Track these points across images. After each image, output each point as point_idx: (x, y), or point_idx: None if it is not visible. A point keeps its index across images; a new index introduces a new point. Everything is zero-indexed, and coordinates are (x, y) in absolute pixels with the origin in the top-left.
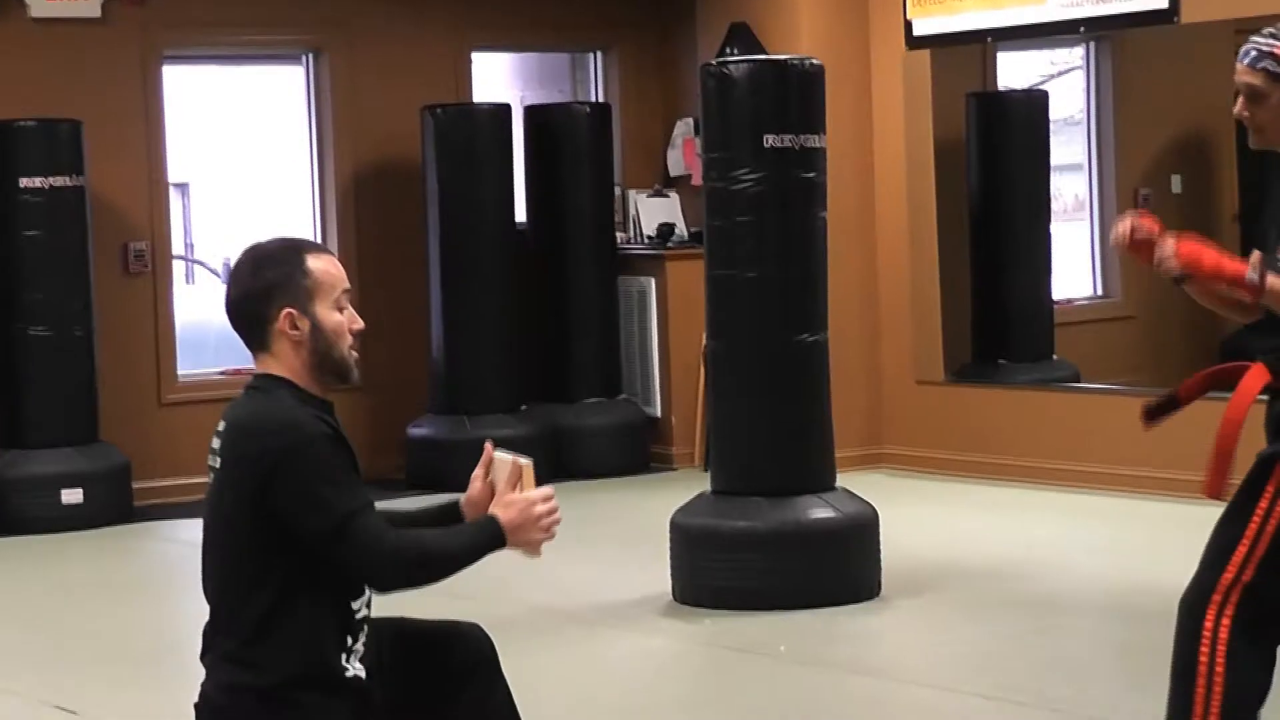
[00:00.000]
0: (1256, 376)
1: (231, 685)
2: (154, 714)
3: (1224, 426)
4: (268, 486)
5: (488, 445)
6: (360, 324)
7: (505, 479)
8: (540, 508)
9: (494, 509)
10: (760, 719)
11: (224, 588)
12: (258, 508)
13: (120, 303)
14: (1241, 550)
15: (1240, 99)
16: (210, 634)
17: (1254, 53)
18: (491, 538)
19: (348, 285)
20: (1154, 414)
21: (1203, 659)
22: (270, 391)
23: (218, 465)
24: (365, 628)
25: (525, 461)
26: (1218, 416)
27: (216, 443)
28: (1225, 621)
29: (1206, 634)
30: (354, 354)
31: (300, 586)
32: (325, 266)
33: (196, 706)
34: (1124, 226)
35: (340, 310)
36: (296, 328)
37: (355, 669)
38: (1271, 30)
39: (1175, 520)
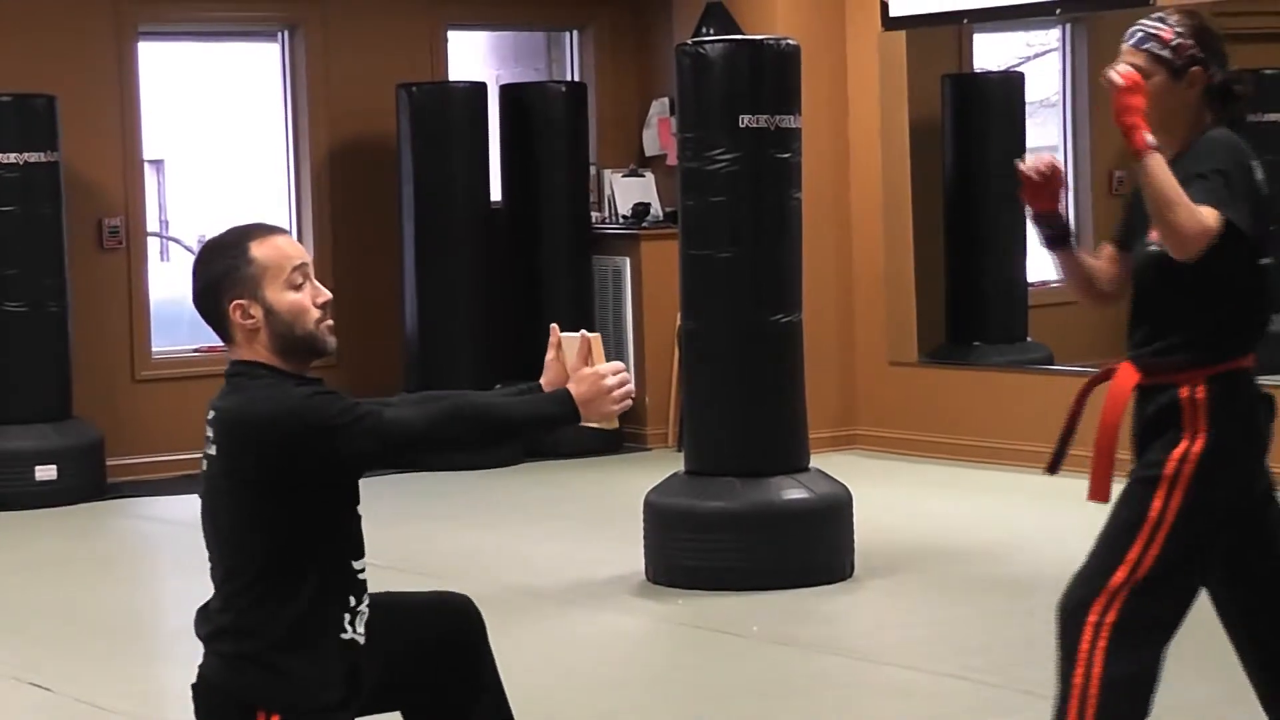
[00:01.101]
0: (1126, 376)
1: (237, 655)
2: (127, 690)
3: (1101, 431)
4: (286, 466)
5: (554, 327)
6: (325, 295)
7: (576, 354)
8: (611, 380)
9: (569, 384)
10: (733, 698)
11: (229, 563)
12: (272, 484)
13: (95, 279)
14: (1133, 555)
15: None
16: (212, 610)
17: (1140, 34)
18: (563, 409)
19: (301, 261)
20: (1055, 464)
21: (1080, 666)
22: (252, 377)
23: (214, 453)
24: (366, 590)
25: (593, 335)
26: None
27: (210, 431)
28: (1106, 625)
29: (1086, 640)
30: (325, 325)
31: (303, 550)
32: (270, 250)
33: (195, 686)
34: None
35: (296, 288)
36: (250, 316)
37: (355, 632)
38: (1162, 15)
39: None
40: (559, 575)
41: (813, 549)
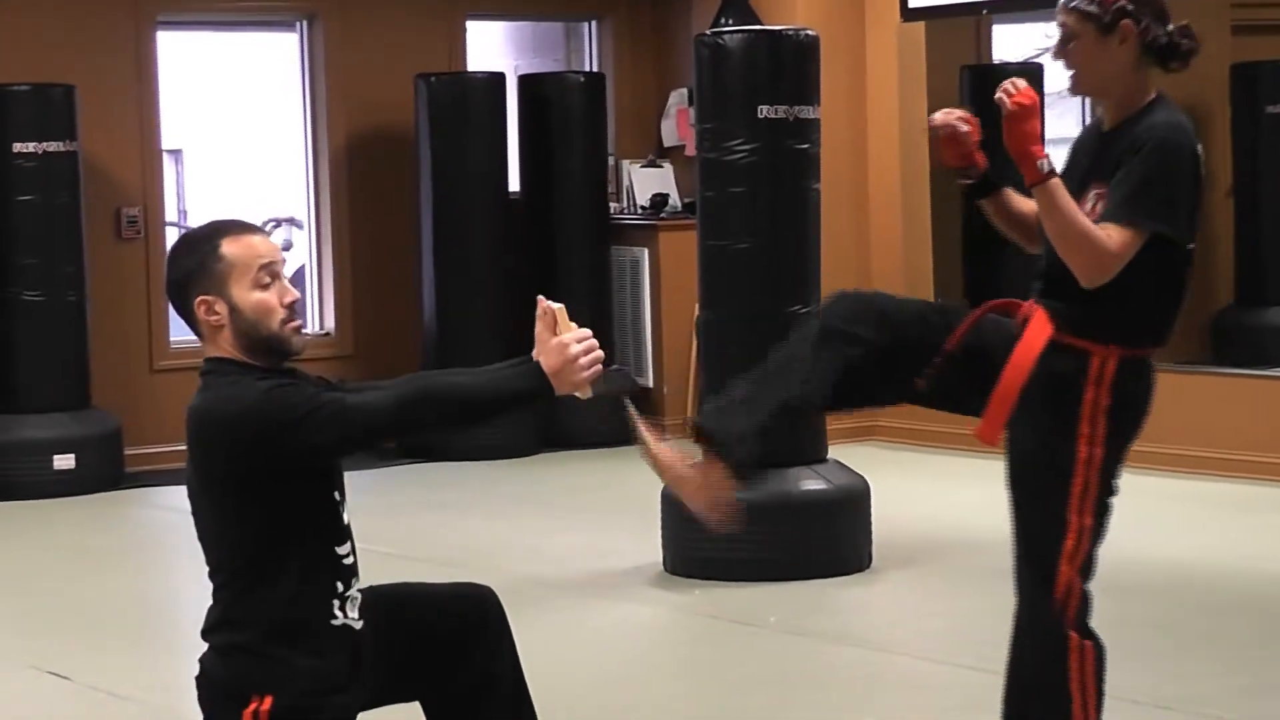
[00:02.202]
0: (1041, 327)
1: (229, 646)
2: (146, 679)
3: (1010, 372)
4: (253, 462)
5: (540, 299)
6: (293, 295)
7: (545, 326)
8: (575, 348)
9: (539, 357)
10: (750, 689)
11: (215, 558)
12: (242, 480)
13: (113, 268)
14: (1063, 563)
15: (1055, 44)
16: (211, 607)
17: None
18: (533, 382)
19: (270, 260)
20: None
21: (1073, 671)
22: (220, 374)
23: (188, 453)
24: (355, 574)
25: (557, 306)
26: (1209, 391)
27: (186, 431)
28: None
29: (1074, 650)
30: (291, 326)
31: (283, 540)
32: (240, 247)
33: (197, 679)
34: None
35: (263, 287)
36: (215, 313)
37: (347, 617)
38: None
39: (1163, 494)
40: (576, 565)
41: (830, 540)
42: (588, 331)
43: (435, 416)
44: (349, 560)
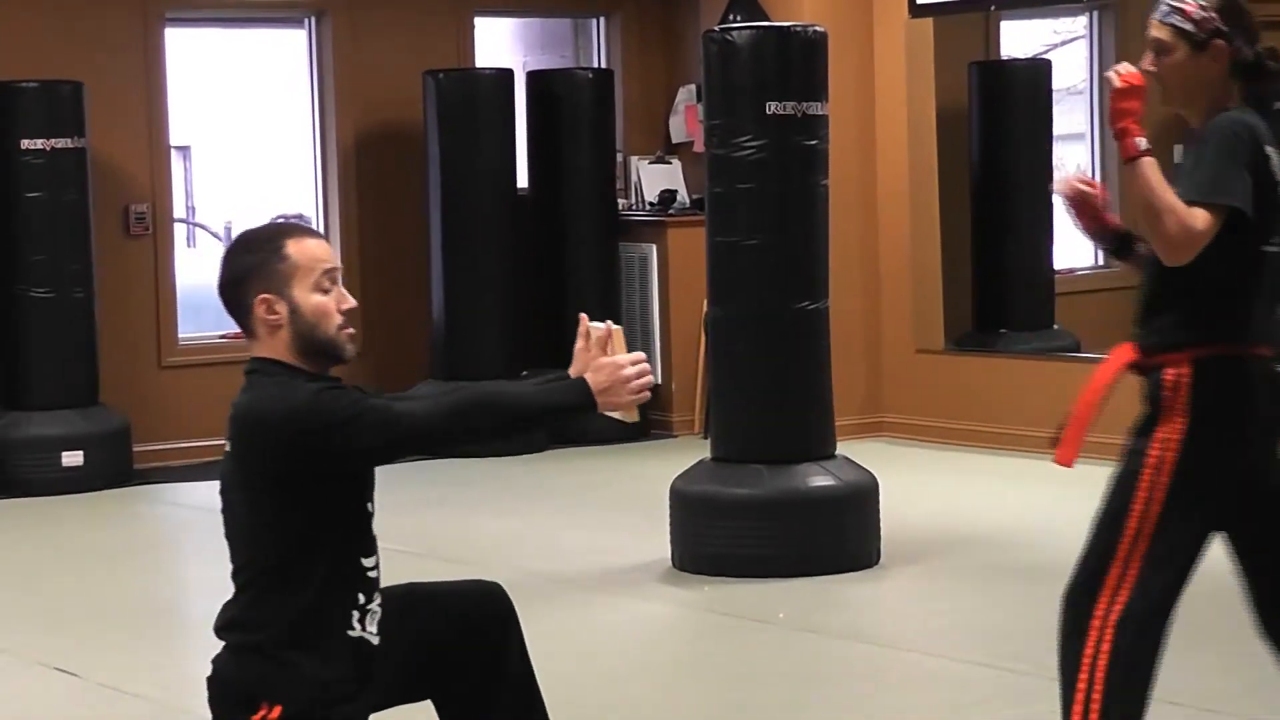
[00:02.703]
0: (1120, 353)
1: (243, 646)
2: (153, 676)
3: (1082, 398)
4: (295, 463)
5: (583, 316)
6: (350, 302)
7: (596, 344)
8: (629, 370)
9: (585, 373)
10: (758, 686)
11: (242, 556)
12: (284, 480)
13: (121, 265)
14: (1124, 545)
15: (1149, 54)
16: (229, 605)
17: (1166, 7)
18: (578, 398)
19: (332, 265)
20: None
21: (1086, 657)
22: (266, 374)
23: (229, 449)
24: (378, 588)
25: (615, 327)
26: None
27: (227, 429)
28: (1113, 618)
29: (1094, 629)
30: (346, 332)
31: (313, 546)
32: (305, 249)
33: (208, 680)
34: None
35: (324, 291)
36: (275, 312)
37: (365, 631)
38: None
39: None
40: (585, 562)
41: (839, 536)
42: (642, 355)
43: (480, 426)
44: (373, 573)
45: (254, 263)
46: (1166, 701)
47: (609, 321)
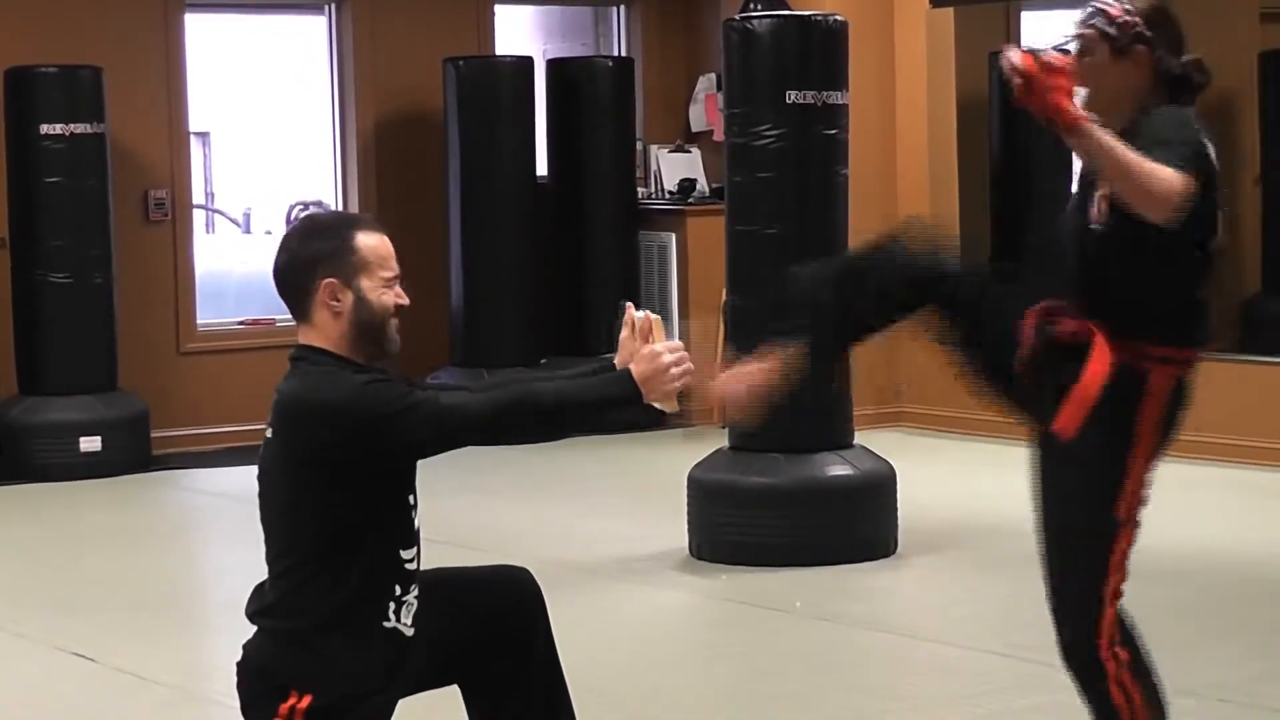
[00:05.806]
0: (1102, 356)
1: (278, 631)
2: (172, 662)
3: (1083, 384)
4: (340, 452)
5: (628, 305)
6: (405, 300)
7: (638, 333)
8: (668, 358)
9: (630, 364)
10: (775, 674)
11: (280, 544)
12: (329, 468)
13: (140, 251)
14: (1110, 585)
15: (1074, 54)
16: (264, 589)
17: (1091, 8)
18: (624, 389)
19: (396, 269)
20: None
21: (1118, 699)
22: (314, 362)
23: (270, 435)
24: (415, 580)
25: (655, 317)
26: (1236, 379)
27: (270, 415)
28: (1119, 652)
29: (1111, 673)
30: (396, 327)
31: (353, 536)
32: (375, 244)
33: (238, 664)
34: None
35: (387, 285)
36: (337, 299)
37: (399, 623)
38: None
39: (1189, 481)
40: (603, 550)
41: (857, 525)
42: (680, 344)
43: (528, 422)
44: (412, 565)
45: (326, 249)
46: (1183, 693)
47: (647, 313)
